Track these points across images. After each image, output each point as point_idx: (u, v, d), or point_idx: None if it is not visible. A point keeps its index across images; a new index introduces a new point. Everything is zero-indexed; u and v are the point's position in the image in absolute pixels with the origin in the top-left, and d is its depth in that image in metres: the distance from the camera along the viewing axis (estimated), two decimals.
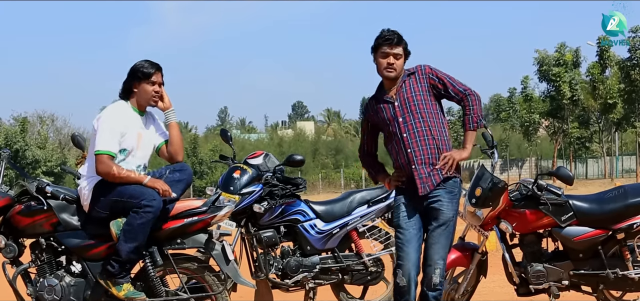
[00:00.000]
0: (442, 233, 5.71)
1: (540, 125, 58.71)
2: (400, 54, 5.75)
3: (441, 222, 5.71)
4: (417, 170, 5.69)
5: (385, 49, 5.73)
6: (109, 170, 5.64)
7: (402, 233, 5.79)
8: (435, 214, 5.71)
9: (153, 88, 5.89)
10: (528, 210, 6.55)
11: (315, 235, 7.47)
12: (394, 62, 5.73)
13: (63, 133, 64.33)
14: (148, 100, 5.91)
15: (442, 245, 5.72)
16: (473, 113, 5.77)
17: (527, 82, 55.97)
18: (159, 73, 5.93)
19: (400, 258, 5.77)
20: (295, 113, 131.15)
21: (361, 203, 7.61)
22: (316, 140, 75.95)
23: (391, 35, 5.74)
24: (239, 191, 7.29)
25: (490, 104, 75.92)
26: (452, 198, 5.75)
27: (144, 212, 5.56)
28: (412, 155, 5.69)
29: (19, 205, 5.91)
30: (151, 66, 5.89)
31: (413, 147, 5.69)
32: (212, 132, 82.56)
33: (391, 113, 5.78)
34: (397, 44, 5.73)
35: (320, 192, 52.82)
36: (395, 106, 5.76)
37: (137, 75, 5.87)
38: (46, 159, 56.13)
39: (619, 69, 49.56)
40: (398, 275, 5.75)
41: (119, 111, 5.83)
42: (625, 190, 6.66)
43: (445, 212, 5.70)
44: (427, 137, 5.70)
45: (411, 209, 5.81)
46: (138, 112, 5.93)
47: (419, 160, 5.69)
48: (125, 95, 5.94)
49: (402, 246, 5.76)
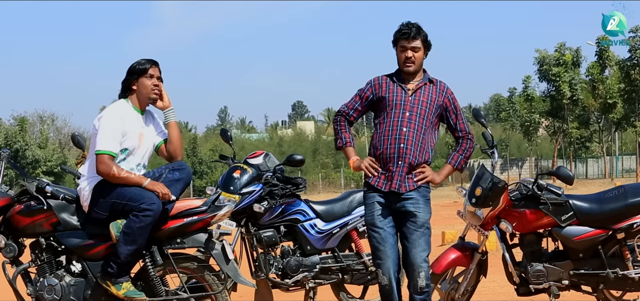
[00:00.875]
0: (422, 235, 5.74)
1: (540, 124, 58.71)
2: (419, 46, 5.74)
3: (419, 225, 5.74)
4: (400, 166, 5.70)
5: (403, 43, 5.74)
6: (110, 171, 5.64)
7: (378, 232, 5.80)
8: (412, 217, 5.73)
9: (152, 81, 5.89)
10: (528, 209, 6.55)
11: (315, 235, 7.47)
12: (412, 55, 5.73)
13: (63, 133, 64.41)
14: (148, 94, 5.91)
15: (423, 247, 5.75)
16: (463, 155, 5.95)
17: (528, 82, 56.00)
18: (155, 67, 5.93)
19: (378, 258, 5.81)
20: (295, 113, 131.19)
21: (361, 203, 7.56)
22: (316, 139, 75.94)
23: (408, 29, 5.73)
24: (239, 191, 7.29)
25: (490, 104, 75.99)
26: (426, 202, 5.81)
27: (144, 215, 5.56)
28: (403, 150, 5.69)
29: (18, 205, 5.90)
30: (147, 61, 5.90)
31: (407, 144, 5.69)
32: (212, 132, 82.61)
33: (401, 101, 5.76)
34: (415, 37, 5.72)
35: (321, 192, 52.85)
36: (408, 99, 5.75)
37: (134, 71, 5.88)
38: (46, 159, 56.19)
39: (619, 69, 49.60)
40: (379, 275, 5.78)
41: (120, 111, 5.83)
42: (625, 189, 6.66)
43: (422, 214, 5.75)
44: (421, 144, 5.73)
45: (385, 208, 5.81)
46: (138, 111, 5.93)
47: (406, 159, 5.70)
48: (124, 94, 5.94)
49: (379, 245, 5.78)
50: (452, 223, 16.64)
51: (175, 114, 6.14)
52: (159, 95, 5.97)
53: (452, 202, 21.80)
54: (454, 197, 30.47)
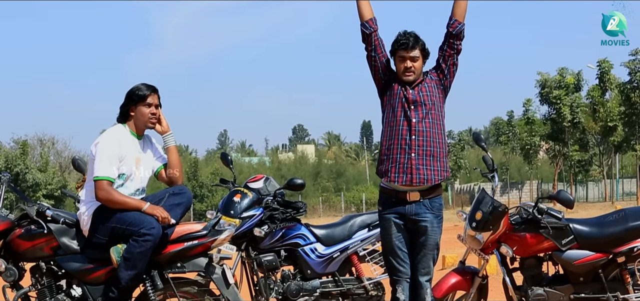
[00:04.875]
0: (430, 255, 5.80)
1: (541, 148, 58.70)
2: (418, 56, 5.73)
3: (430, 246, 5.78)
4: (416, 158, 5.68)
5: (401, 53, 5.73)
6: (109, 196, 5.65)
7: (397, 253, 5.81)
8: (424, 237, 5.76)
9: (149, 110, 5.90)
10: (528, 233, 6.55)
11: (315, 259, 7.47)
12: (412, 66, 5.72)
13: (63, 156, 64.35)
14: (145, 122, 5.93)
15: (429, 267, 5.83)
16: None
17: (529, 105, 56.03)
18: (155, 95, 5.94)
19: (396, 274, 5.83)
20: (296, 136, 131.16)
21: (362, 227, 7.61)
22: (317, 163, 75.96)
23: (406, 40, 5.72)
24: (240, 215, 7.29)
25: (490, 127, 75.93)
26: (439, 222, 5.84)
27: (143, 240, 5.56)
28: (415, 142, 5.68)
29: (19, 229, 5.90)
30: (147, 88, 5.91)
31: (418, 135, 5.67)
32: (213, 155, 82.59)
33: (403, 95, 5.72)
34: (413, 46, 5.72)
35: (321, 216, 52.80)
36: (409, 92, 5.72)
37: (133, 98, 5.88)
38: (47, 182, 56.16)
39: (619, 92, 49.63)
40: (398, 291, 5.78)
41: (117, 136, 5.84)
42: (625, 213, 6.66)
43: (434, 236, 5.78)
44: (431, 132, 5.70)
45: (401, 228, 5.81)
46: (136, 136, 5.94)
47: (420, 150, 5.68)
48: (122, 119, 5.95)
49: (399, 266, 5.81)
50: (452, 247, 16.59)
51: (175, 138, 6.14)
52: (157, 122, 5.99)
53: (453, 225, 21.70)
54: (455, 221, 30.36)
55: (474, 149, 67.34)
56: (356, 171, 78.92)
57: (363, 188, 64.41)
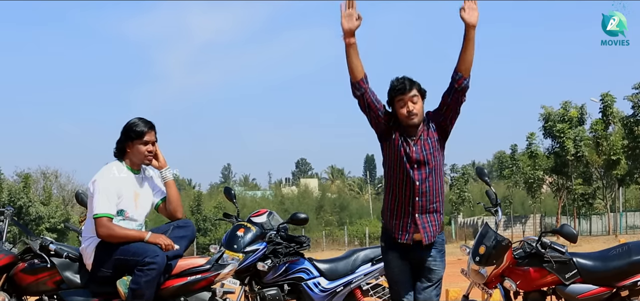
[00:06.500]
0: (434, 290, 5.78)
1: (544, 181, 58.60)
2: (416, 95, 5.68)
3: (434, 281, 5.76)
4: (420, 219, 5.66)
5: (400, 97, 5.68)
6: (110, 232, 5.65)
7: (402, 281, 5.79)
8: (429, 273, 5.74)
9: (146, 148, 5.91)
10: (532, 267, 6.55)
11: (319, 293, 7.45)
12: (413, 107, 5.64)
13: (67, 189, 64.34)
14: (142, 160, 5.94)
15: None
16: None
17: (532, 139, 56.02)
18: (152, 132, 5.94)
19: None
20: (299, 170, 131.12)
21: (365, 261, 7.60)
22: (320, 197, 75.86)
23: (402, 84, 5.66)
24: (243, 249, 7.29)
25: (493, 161, 75.88)
26: (442, 257, 5.82)
27: (148, 269, 5.55)
28: (418, 203, 5.66)
29: (22, 263, 5.91)
30: (144, 125, 5.91)
31: (421, 196, 5.64)
32: (216, 189, 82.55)
33: (405, 152, 5.66)
34: (410, 88, 5.66)
35: (324, 249, 52.62)
36: (412, 150, 5.66)
37: (130, 135, 5.88)
38: (49, 215, 56.11)
39: (622, 125, 49.66)
40: None
41: (113, 172, 5.84)
42: (629, 247, 6.66)
43: (438, 272, 5.76)
44: (434, 189, 5.67)
45: (404, 264, 5.79)
46: (133, 171, 5.95)
47: (423, 210, 5.66)
48: (119, 155, 5.96)
49: (403, 294, 5.79)
50: (456, 281, 16.50)
51: (172, 173, 6.14)
52: (154, 158, 6.00)
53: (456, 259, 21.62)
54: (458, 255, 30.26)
55: (477, 183, 67.17)
56: (359, 205, 78.80)
57: (366, 222, 64.28)
